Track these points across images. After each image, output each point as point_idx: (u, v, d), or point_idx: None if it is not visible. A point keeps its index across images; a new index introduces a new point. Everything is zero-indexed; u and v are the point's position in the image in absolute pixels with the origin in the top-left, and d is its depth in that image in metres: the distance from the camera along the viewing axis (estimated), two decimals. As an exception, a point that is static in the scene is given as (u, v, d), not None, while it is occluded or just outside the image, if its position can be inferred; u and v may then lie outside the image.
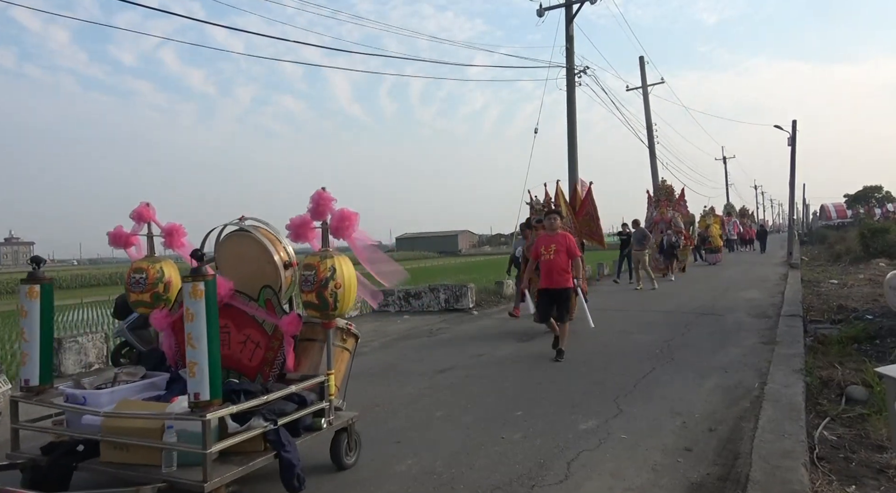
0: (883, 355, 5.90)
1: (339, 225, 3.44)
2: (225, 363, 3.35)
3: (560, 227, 6.85)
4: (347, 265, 3.39)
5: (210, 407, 2.74)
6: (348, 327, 3.76)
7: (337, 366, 3.62)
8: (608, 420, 4.25)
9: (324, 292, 3.26)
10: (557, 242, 6.54)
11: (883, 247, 18.58)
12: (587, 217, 10.03)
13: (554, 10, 17.93)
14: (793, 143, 22.54)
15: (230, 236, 3.81)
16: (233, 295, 3.61)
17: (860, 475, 3.26)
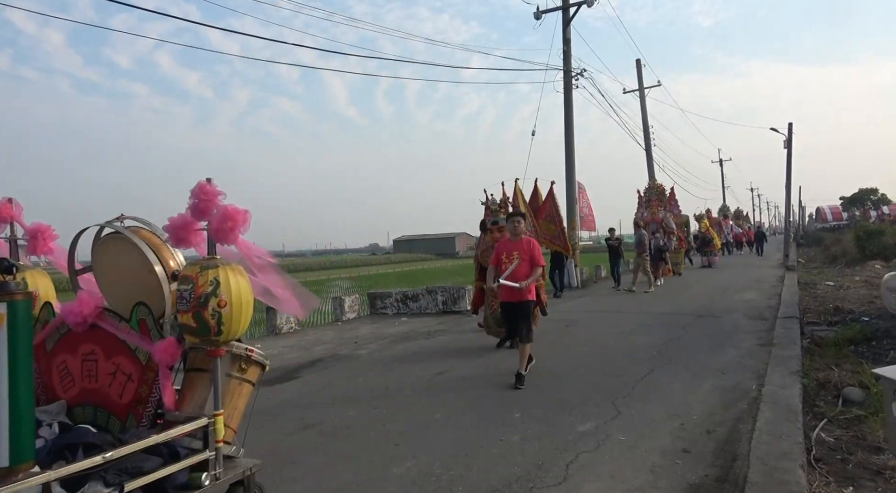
0: (879, 356, 5.92)
1: (221, 227, 2.77)
2: (90, 400, 2.94)
3: (524, 232, 6.04)
4: (238, 278, 2.75)
5: (11, 476, 2.11)
6: (248, 353, 3.10)
7: (231, 403, 2.99)
8: (606, 422, 4.26)
9: (203, 313, 2.61)
10: (521, 250, 5.65)
11: (879, 249, 18.64)
12: (548, 219, 9.43)
13: (551, 12, 18.00)
14: (789, 145, 22.62)
15: (108, 241, 3.12)
16: (101, 314, 2.99)
17: (857, 477, 3.28)
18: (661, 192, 18.81)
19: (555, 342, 7.79)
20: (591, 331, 8.62)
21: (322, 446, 4.10)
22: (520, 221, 5.90)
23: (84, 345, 3.02)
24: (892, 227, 23.75)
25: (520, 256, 5.63)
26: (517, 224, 5.85)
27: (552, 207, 9.38)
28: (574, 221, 17.35)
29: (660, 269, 15.89)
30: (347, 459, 3.82)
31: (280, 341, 9.13)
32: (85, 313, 2.94)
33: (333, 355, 7.73)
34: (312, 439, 4.26)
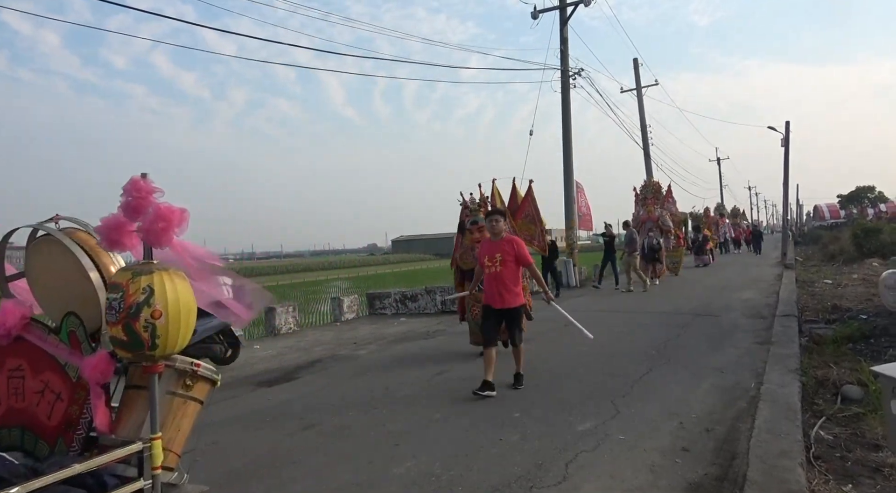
0: (877, 354, 5.94)
1: (152, 227, 2.50)
2: (17, 421, 2.69)
3: (505, 230, 5.68)
4: (177, 285, 2.48)
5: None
6: (194, 368, 2.84)
7: (174, 424, 2.72)
8: (606, 421, 4.26)
9: (134, 324, 2.34)
10: (504, 250, 5.22)
11: (876, 247, 18.68)
12: (527, 219, 8.97)
13: (548, 12, 18.01)
14: (786, 144, 22.66)
15: (42, 244, 2.85)
16: (27, 325, 2.72)
17: (856, 474, 3.28)
18: (658, 190, 18.23)
19: (554, 342, 7.80)
20: (591, 330, 8.61)
21: (322, 446, 4.10)
22: (498, 219, 5.37)
23: (10, 360, 2.75)
24: (889, 225, 23.83)
25: (503, 257, 5.19)
26: (496, 223, 5.36)
27: (531, 207, 8.97)
28: (572, 220, 17.37)
29: (654, 269, 15.41)
30: (347, 459, 3.82)
31: (279, 342, 9.12)
32: (9, 325, 2.67)
33: (333, 355, 7.73)
34: (312, 439, 4.26)
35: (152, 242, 2.55)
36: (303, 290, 25.45)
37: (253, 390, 5.94)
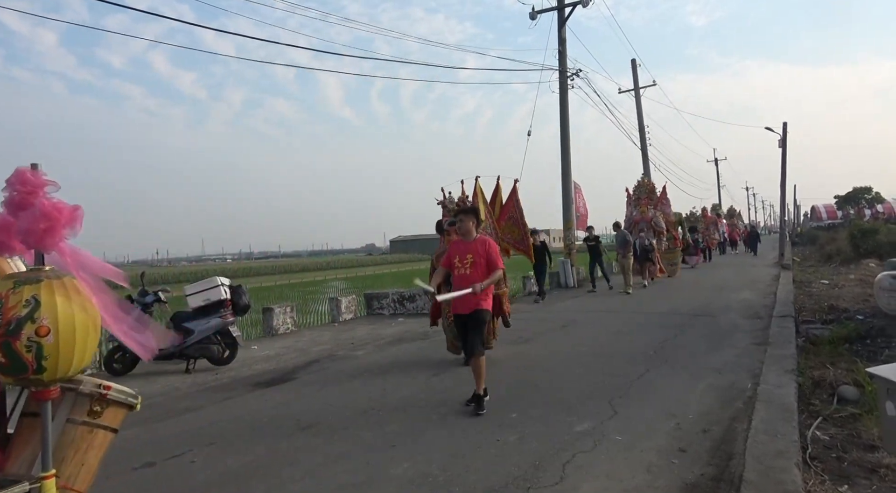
0: (874, 354, 5.95)
1: (32, 228, 2.16)
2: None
3: (476, 230, 5.44)
4: (72, 297, 2.14)
5: None
6: (103, 391, 2.42)
7: (76, 458, 2.34)
8: (603, 422, 4.27)
9: (14, 343, 2.02)
10: (475, 251, 4.89)
11: (873, 247, 18.73)
12: (510, 222, 8.27)
13: (546, 12, 18.03)
14: (783, 144, 22.70)
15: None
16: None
17: (852, 475, 3.30)
18: (651, 190, 17.82)
19: (552, 342, 7.82)
20: (588, 331, 8.65)
21: (320, 446, 4.10)
22: (470, 218, 5.02)
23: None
24: (885, 225, 23.90)
25: (474, 258, 4.88)
26: (466, 222, 5.00)
27: (515, 209, 8.29)
28: (570, 220, 17.39)
29: (647, 270, 15.18)
30: (345, 459, 3.82)
31: (277, 342, 9.12)
32: None
33: (330, 356, 7.73)
34: (310, 439, 4.26)
35: (33, 246, 2.22)
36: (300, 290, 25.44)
37: (251, 391, 5.94)
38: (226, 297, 7.17)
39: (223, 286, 7.23)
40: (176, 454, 4.07)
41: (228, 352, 7.25)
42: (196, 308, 7.13)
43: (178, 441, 4.36)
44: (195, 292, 7.20)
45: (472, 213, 5.13)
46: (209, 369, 7.06)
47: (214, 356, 7.14)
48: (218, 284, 7.19)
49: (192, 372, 6.98)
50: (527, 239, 8.47)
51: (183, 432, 4.63)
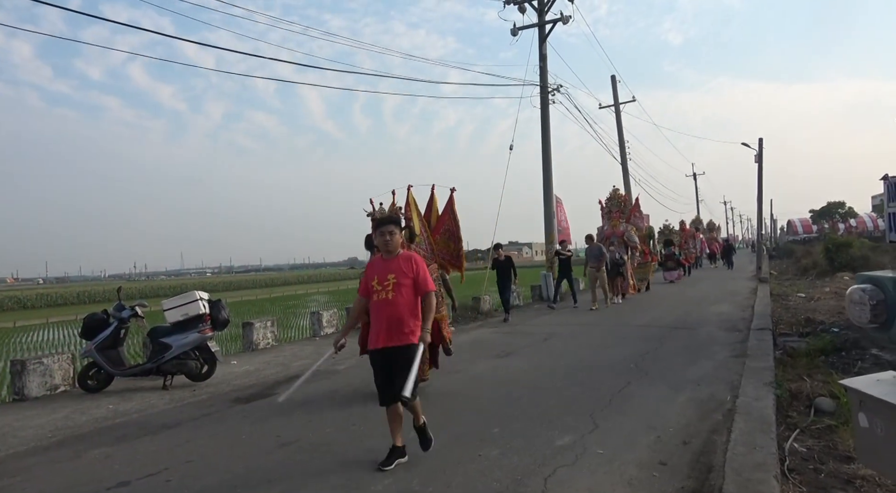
0: (849, 366, 6.06)
1: None
2: None
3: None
4: None
5: None
6: None
7: None
8: (584, 436, 4.28)
9: None
10: (397, 270, 3.93)
11: (847, 261, 19.14)
12: (446, 235, 7.36)
13: (527, 29, 18.29)
14: (759, 159, 23.18)
15: None
16: None
17: (829, 486, 3.33)
18: (624, 202, 17.08)
19: (533, 356, 7.82)
20: (569, 344, 8.68)
21: (299, 463, 4.04)
22: (392, 230, 4.02)
23: None
24: (859, 239, 24.44)
25: (396, 279, 3.91)
26: (389, 236, 3.99)
27: (451, 221, 7.34)
28: (552, 234, 17.51)
29: (618, 285, 14.66)
30: (325, 476, 3.76)
31: (257, 357, 9.00)
32: None
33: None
34: (290, 456, 4.20)
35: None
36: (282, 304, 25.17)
37: (230, 407, 5.84)
38: (204, 311, 7.07)
39: (202, 301, 7.13)
40: (151, 473, 3.98)
41: (207, 367, 7.13)
42: (174, 323, 7.02)
43: (154, 460, 4.26)
44: (173, 307, 7.09)
45: (395, 223, 4.09)
46: (187, 386, 6.94)
47: (192, 372, 7.02)
48: (196, 298, 7.09)
49: (169, 388, 6.84)
50: (460, 253, 7.51)
51: (159, 450, 4.53)
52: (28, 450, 4.76)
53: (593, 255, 13.74)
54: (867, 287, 2.20)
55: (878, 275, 2.25)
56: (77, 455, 4.52)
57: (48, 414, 5.91)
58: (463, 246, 7.57)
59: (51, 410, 6.10)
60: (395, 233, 4.03)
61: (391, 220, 4.17)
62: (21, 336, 17.45)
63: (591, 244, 14.05)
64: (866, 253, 19.34)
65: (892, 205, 5.87)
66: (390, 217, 4.31)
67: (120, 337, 7.08)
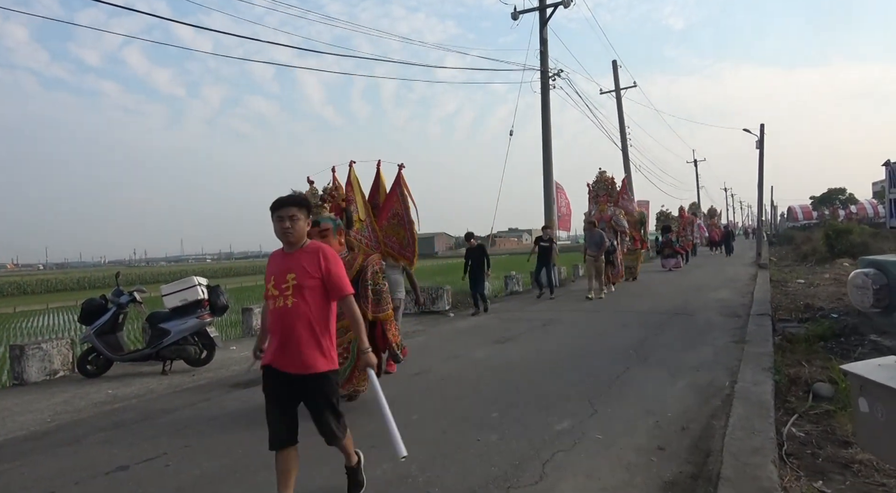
0: (848, 352, 6.05)
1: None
2: None
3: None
4: None
5: None
6: None
7: None
8: (583, 421, 4.28)
9: None
10: (300, 269, 2.96)
11: (847, 247, 19.12)
12: (395, 220, 6.22)
13: (528, 13, 18.09)
14: (761, 146, 23.08)
15: None
16: None
17: (827, 471, 3.34)
18: (611, 185, 15.84)
19: (533, 342, 7.82)
20: (569, 330, 8.68)
21: (299, 448, 4.04)
22: (295, 216, 2.97)
23: None
24: (859, 226, 24.41)
25: (298, 280, 2.91)
26: (289, 223, 2.95)
27: (399, 203, 6.15)
28: (552, 220, 17.47)
29: (607, 273, 13.78)
30: (323, 462, 3.76)
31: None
32: None
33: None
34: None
35: None
36: (281, 290, 25.14)
37: (228, 392, 5.85)
38: (203, 297, 7.06)
39: (200, 286, 7.11)
40: (150, 458, 3.98)
41: (206, 353, 7.13)
42: (173, 309, 7.01)
43: (153, 444, 4.26)
44: (172, 293, 7.08)
45: (297, 205, 2.99)
46: (186, 371, 6.94)
47: (191, 358, 7.02)
48: (195, 283, 7.08)
49: (168, 374, 6.85)
50: (412, 241, 6.30)
51: (158, 434, 4.53)
52: (27, 435, 4.77)
53: (594, 242, 12.90)
54: (870, 271, 2.18)
55: (882, 259, 2.22)
56: (76, 440, 4.53)
57: (47, 399, 5.92)
58: (416, 233, 6.34)
59: (50, 394, 6.10)
60: (299, 219, 2.97)
61: (292, 201, 3.02)
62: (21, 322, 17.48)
63: (592, 230, 13.15)
64: (866, 239, 19.30)
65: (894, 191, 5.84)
66: (291, 198, 3.06)
67: (118, 322, 7.07)
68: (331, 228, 4.68)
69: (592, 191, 15.96)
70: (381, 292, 4.90)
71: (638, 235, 17.14)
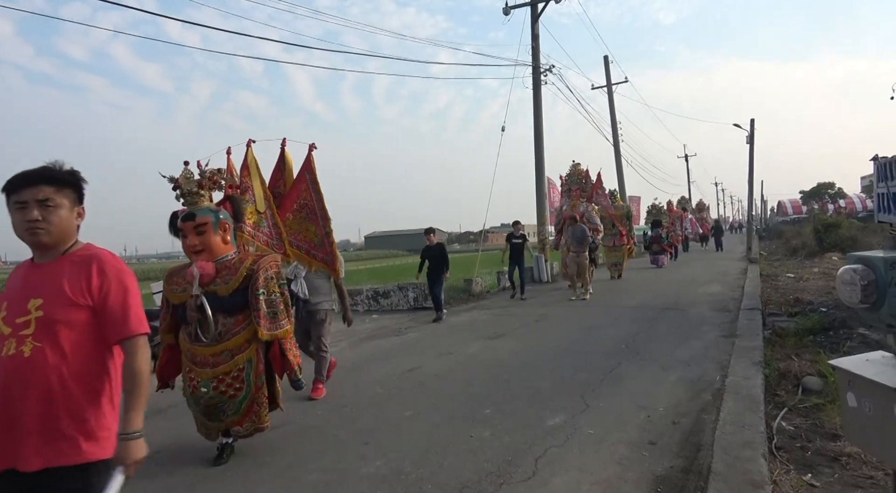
0: (836, 345, 6.11)
1: None
2: None
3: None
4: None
5: None
6: None
7: None
8: (575, 416, 4.30)
9: None
10: (53, 292, 1.85)
11: (835, 241, 19.28)
12: (302, 213, 5.09)
13: (519, 8, 18.06)
14: (751, 141, 23.21)
15: None
16: None
17: (816, 464, 3.38)
18: (585, 178, 14.58)
19: (525, 337, 7.85)
20: (561, 325, 8.71)
21: (290, 445, 4.05)
22: (52, 201, 1.89)
23: None
24: (847, 220, 24.61)
25: (47, 308, 1.84)
26: (40, 212, 1.87)
27: (309, 192, 5.04)
28: (544, 216, 17.51)
29: (590, 272, 12.91)
30: (316, 458, 3.77)
31: (248, 340, 8.97)
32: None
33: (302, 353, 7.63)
34: (280, 439, 4.20)
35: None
36: (273, 287, 25.07)
37: (220, 390, 5.82)
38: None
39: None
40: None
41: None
42: (163, 306, 6.95)
43: (147, 441, 4.24)
44: (161, 291, 7.02)
45: (57, 183, 1.91)
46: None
47: (183, 355, 6.98)
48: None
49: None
50: (330, 243, 5.16)
51: (151, 432, 4.47)
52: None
53: (576, 237, 12.03)
54: (858, 267, 2.19)
55: (869, 255, 2.24)
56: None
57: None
58: (332, 231, 5.17)
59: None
60: (58, 206, 1.88)
61: (42, 176, 1.87)
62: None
63: (575, 225, 12.24)
64: (855, 233, 19.47)
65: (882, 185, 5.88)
66: (38, 171, 1.89)
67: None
68: (210, 222, 3.69)
69: (565, 184, 14.71)
70: (276, 303, 3.78)
71: (624, 229, 16.26)
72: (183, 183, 3.89)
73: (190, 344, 3.71)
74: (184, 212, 3.81)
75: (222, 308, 3.64)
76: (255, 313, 3.68)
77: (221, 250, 3.76)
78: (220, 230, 3.76)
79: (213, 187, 3.98)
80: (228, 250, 3.82)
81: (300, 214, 5.09)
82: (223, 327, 3.65)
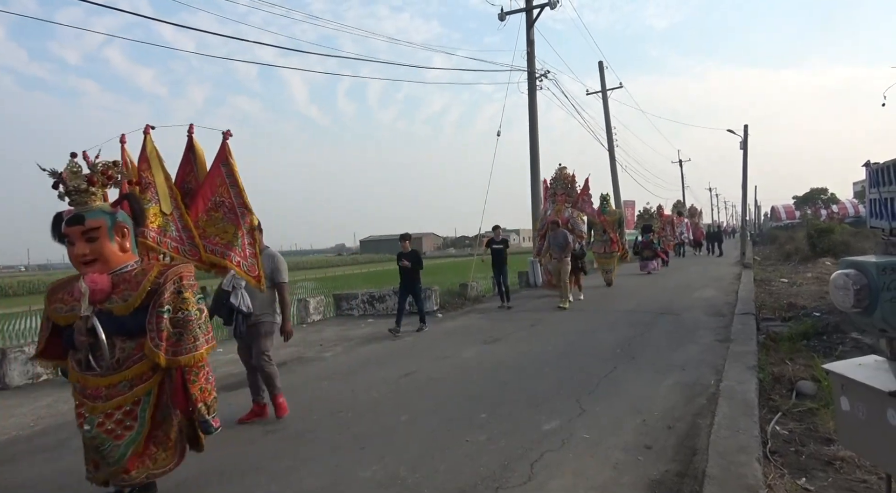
0: (830, 350, 6.15)
1: None
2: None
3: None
4: None
5: None
6: None
7: None
8: (571, 420, 4.31)
9: None
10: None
11: (829, 246, 19.39)
12: (218, 213, 4.35)
13: (515, 14, 18.16)
14: (744, 146, 23.32)
15: None
16: None
17: (810, 468, 3.39)
18: (571, 183, 13.99)
19: (521, 342, 7.85)
20: (556, 330, 8.72)
21: (286, 451, 4.04)
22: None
23: None
24: (840, 225, 24.76)
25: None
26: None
27: (225, 186, 4.35)
28: (539, 221, 17.54)
29: (577, 278, 12.67)
30: (312, 463, 3.76)
31: (243, 345, 8.95)
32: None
33: (298, 358, 7.62)
34: (276, 444, 4.19)
35: None
36: (268, 291, 24.97)
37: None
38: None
39: None
40: (136, 462, 3.94)
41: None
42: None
43: (139, 448, 4.22)
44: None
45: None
46: (172, 373, 6.88)
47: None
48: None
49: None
50: (255, 244, 4.48)
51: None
52: (10, 439, 4.71)
53: (557, 243, 11.74)
54: (851, 272, 2.21)
55: (862, 260, 2.26)
56: (60, 444, 4.48)
57: (31, 403, 5.84)
58: (256, 224, 4.48)
59: (33, 399, 6.03)
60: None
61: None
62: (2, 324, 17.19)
63: (556, 230, 11.93)
64: (847, 239, 19.58)
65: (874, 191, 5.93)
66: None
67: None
68: (104, 225, 3.03)
69: (550, 188, 14.15)
70: (186, 321, 3.05)
71: (615, 236, 15.70)
72: (68, 178, 3.12)
73: (80, 373, 2.99)
74: (70, 214, 3.07)
75: (120, 331, 2.97)
76: (155, 334, 2.97)
77: (119, 259, 3.07)
78: (116, 236, 3.07)
79: (106, 184, 3.24)
80: (128, 259, 3.13)
81: (216, 213, 4.30)
82: (121, 353, 2.97)
